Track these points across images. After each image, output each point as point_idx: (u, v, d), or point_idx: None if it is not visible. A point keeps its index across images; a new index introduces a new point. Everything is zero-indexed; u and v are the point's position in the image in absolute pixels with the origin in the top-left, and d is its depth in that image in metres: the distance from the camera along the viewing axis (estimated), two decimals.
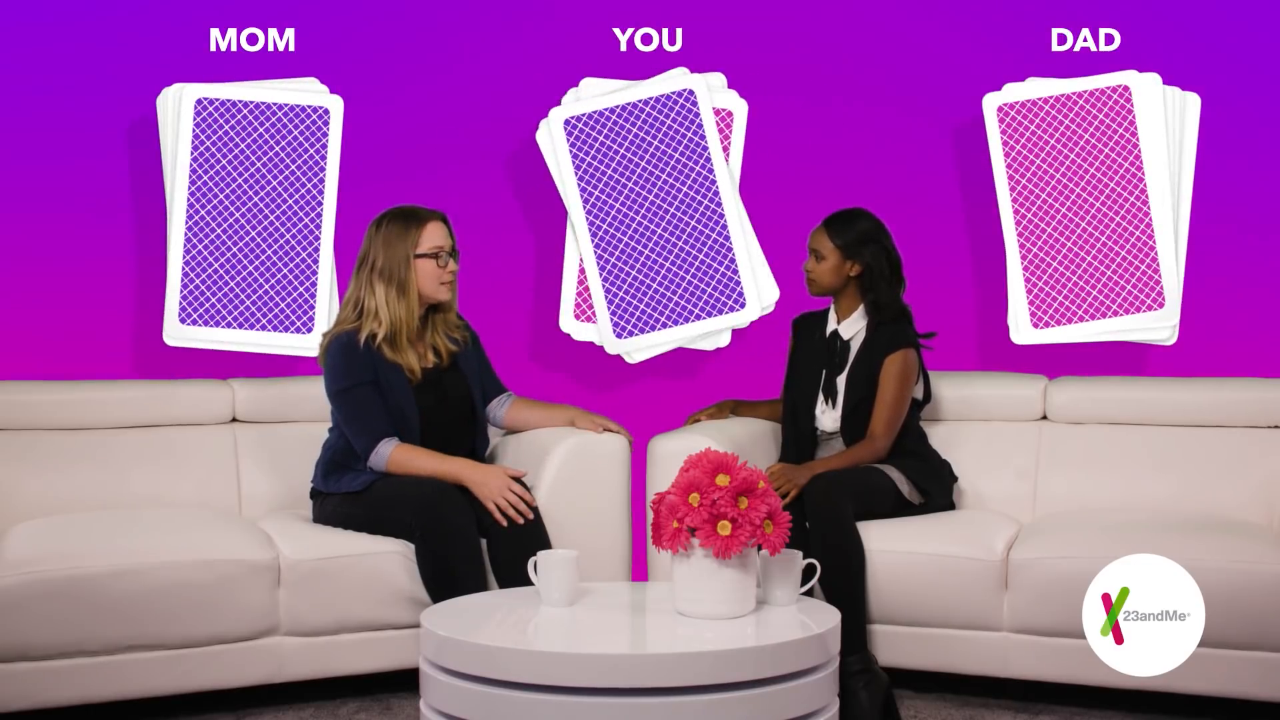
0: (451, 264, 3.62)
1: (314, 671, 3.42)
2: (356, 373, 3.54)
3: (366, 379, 3.54)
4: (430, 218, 3.62)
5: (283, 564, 3.37)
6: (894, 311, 3.76)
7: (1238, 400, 3.87)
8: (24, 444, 3.75)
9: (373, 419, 3.53)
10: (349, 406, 3.54)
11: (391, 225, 3.60)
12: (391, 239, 3.58)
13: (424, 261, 3.58)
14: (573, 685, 2.51)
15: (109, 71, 4.30)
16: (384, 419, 3.54)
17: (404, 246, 3.57)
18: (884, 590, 3.47)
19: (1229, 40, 4.33)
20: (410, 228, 3.59)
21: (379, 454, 3.52)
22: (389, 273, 3.57)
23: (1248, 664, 3.24)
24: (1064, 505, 3.83)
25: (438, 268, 3.59)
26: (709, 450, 2.76)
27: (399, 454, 3.52)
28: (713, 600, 2.73)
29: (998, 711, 3.44)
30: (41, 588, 3.15)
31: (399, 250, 3.57)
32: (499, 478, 3.47)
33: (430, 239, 3.59)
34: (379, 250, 3.58)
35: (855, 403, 3.75)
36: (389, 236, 3.59)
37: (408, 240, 3.57)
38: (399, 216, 3.62)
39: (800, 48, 4.47)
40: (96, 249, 4.31)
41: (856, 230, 3.77)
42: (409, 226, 3.59)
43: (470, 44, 4.47)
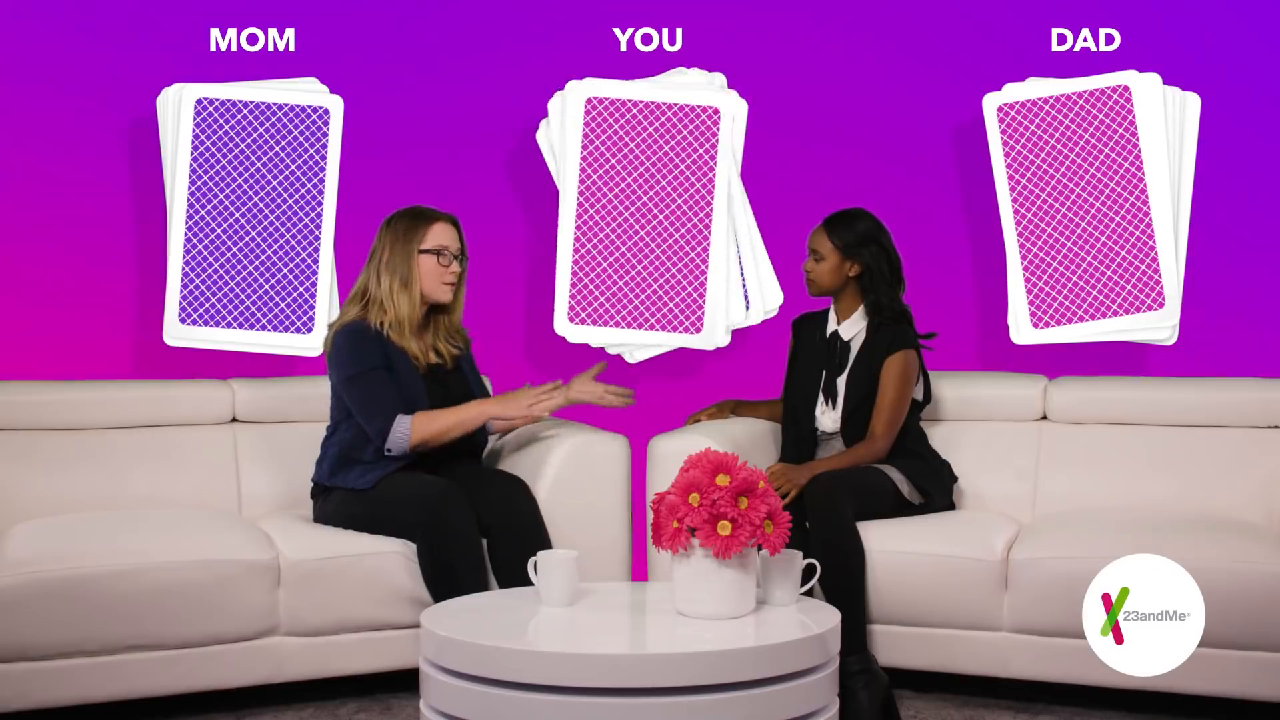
0: (455, 265, 3.64)
1: (314, 671, 3.42)
2: (367, 358, 3.55)
3: (378, 363, 3.56)
4: (439, 218, 3.66)
5: (283, 564, 3.37)
6: (894, 312, 3.76)
7: (1238, 400, 3.87)
8: (24, 444, 3.75)
9: (386, 400, 3.54)
10: (361, 391, 3.55)
11: (400, 222, 3.65)
12: (399, 235, 3.63)
13: (426, 258, 3.61)
14: (573, 685, 2.51)
15: (109, 71, 4.30)
16: (395, 400, 3.55)
17: (410, 242, 3.61)
18: (884, 590, 3.47)
19: (1229, 40, 4.33)
20: (418, 225, 3.63)
21: (397, 431, 3.52)
22: (394, 266, 3.60)
23: (1248, 664, 3.24)
24: (1064, 505, 3.83)
25: (440, 265, 3.61)
26: (709, 450, 2.76)
27: (419, 421, 3.53)
28: (713, 600, 2.73)
29: (998, 711, 3.44)
30: (41, 588, 3.14)
31: (405, 246, 3.61)
32: (519, 394, 3.63)
33: (436, 237, 3.62)
34: (387, 245, 3.63)
35: (855, 404, 3.75)
36: (397, 232, 3.63)
37: (414, 236, 3.61)
38: (408, 215, 3.67)
39: (800, 48, 4.47)
40: (96, 249, 4.31)
41: (856, 231, 3.77)
42: (417, 224, 3.63)
43: (470, 44, 4.47)
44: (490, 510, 3.47)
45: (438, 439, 3.55)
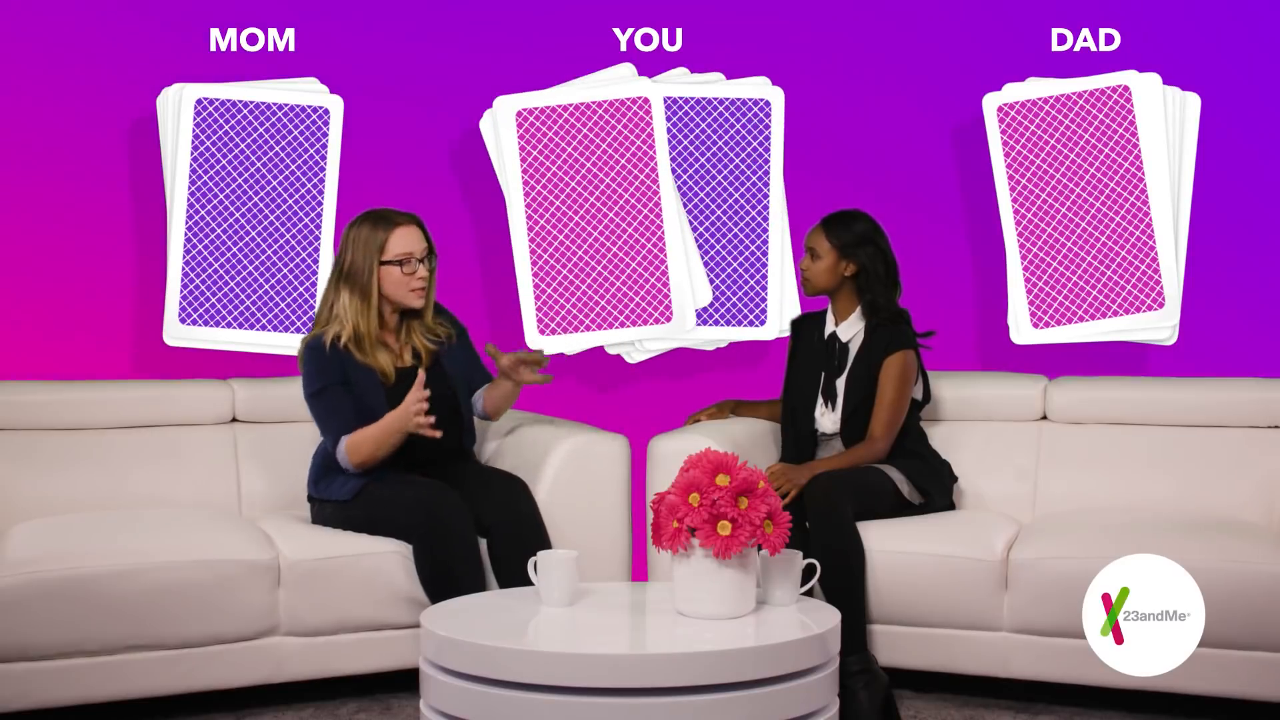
0: (421, 270, 3.55)
1: (314, 671, 3.41)
2: (325, 375, 3.52)
3: (335, 380, 3.52)
4: (401, 222, 3.55)
5: (282, 564, 3.37)
6: (890, 313, 3.76)
7: (1238, 400, 3.87)
8: (24, 444, 3.75)
9: (337, 419, 3.51)
10: (319, 409, 3.54)
11: (361, 229, 3.56)
12: (359, 243, 3.54)
13: (389, 269, 3.53)
14: (573, 685, 2.51)
15: (109, 71, 4.30)
16: (349, 419, 3.51)
17: (370, 253, 3.52)
18: (884, 590, 3.47)
19: (1229, 40, 4.33)
20: (378, 233, 3.53)
21: (340, 452, 3.51)
22: (353, 279, 3.53)
23: (1248, 664, 3.24)
24: (1064, 505, 3.83)
25: (404, 275, 3.54)
26: (709, 450, 2.76)
27: (350, 443, 3.49)
28: (713, 600, 2.73)
29: (998, 711, 3.44)
30: (41, 588, 3.14)
31: (365, 257, 3.52)
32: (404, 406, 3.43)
33: (398, 245, 3.53)
34: (348, 254, 3.55)
35: (855, 405, 3.75)
36: (358, 240, 3.54)
37: (374, 247, 3.52)
38: (369, 220, 3.57)
39: (800, 48, 4.47)
40: (96, 249, 4.31)
41: (853, 231, 3.77)
42: (376, 231, 3.53)
43: (470, 44, 4.46)
44: (490, 510, 3.47)
45: (372, 458, 3.49)
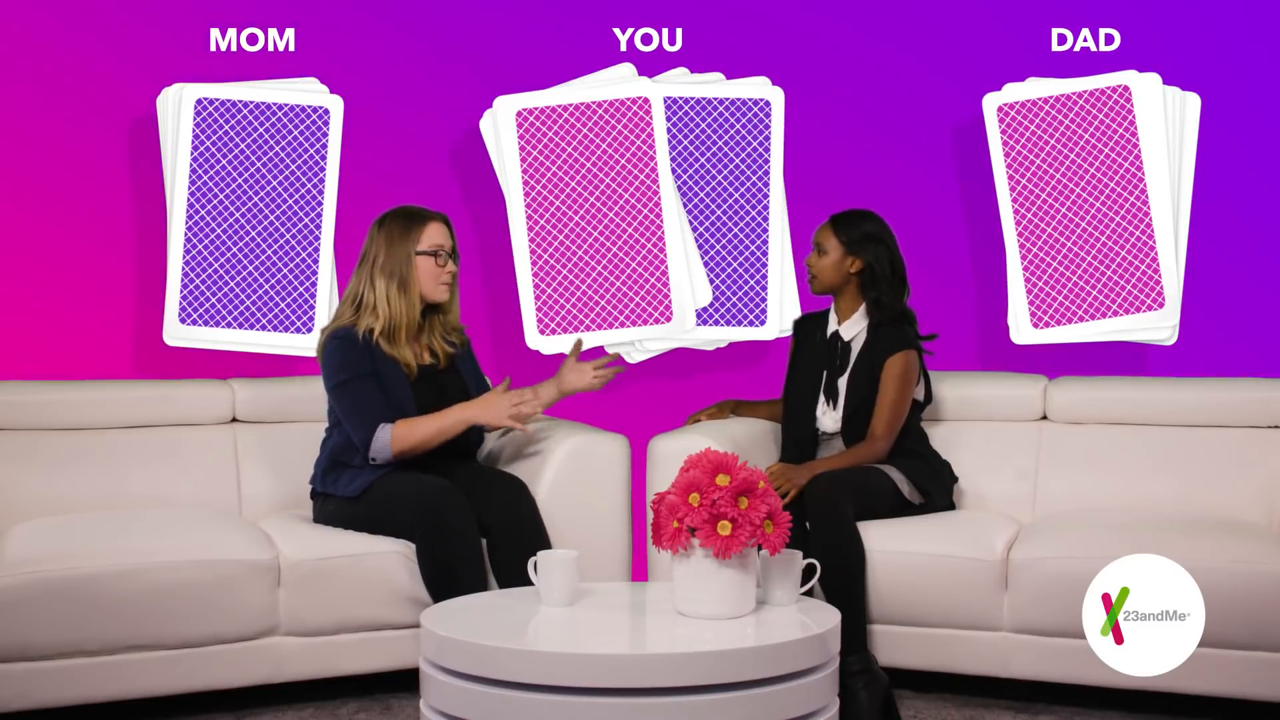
0: (450, 264, 3.63)
1: (314, 671, 3.42)
2: (354, 365, 3.54)
3: (365, 370, 3.55)
4: (432, 218, 3.64)
5: (283, 564, 3.37)
6: (895, 312, 3.76)
7: (1238, 400, 3.87)
8: (24, 444, 3.75)
9: (371, 408, 3.53)
10: (348, 398, 3.55)
11: (394, 223, 3.63)
12: (394, 236, 3.60)
13: (424, 259, 3.60)
14: (573, 685, 2.51)
15: (109, 71, 4.30)
16: (383, 408, 3.54)
17: (406, 244, 3.59)
18: (884, 590, 3.47)
19: (1229, 40, 4.33)
20: (412, 226, 3.61)
21: (379, 440, 3.51)
22: (390, 269, 3.59)
23: (1248, 664, 3.24)
24: (1064, 505, 3.83)
25: (437, 266, 3.61)
26: (709, 450, 2.76)
27: (399, 430, 3.52)
28: (713, 600, 2.73)
29: (998, 711, 3.44)
30: (41, 588, 3.14)
31: (401, 247, 3.59)
32: (498, 399, 3.55)
33: (431, 237, 3.61)
34: (381, 247, 3.61)
35: (856, 404, 3.75)
36: (391, 234, 3.61)
37: (409, 238, 3.60)
38: (401, 215, 3.65)
39: (800, 48, 4.47)
40: (96, 249, 4.31)
41: (861, 229, 3.78)
42: (411, 225, 3.62)
43: (470, 44, 4.47)
44: (490, 510, 3.47)
45: (419, 448, 3.53)
